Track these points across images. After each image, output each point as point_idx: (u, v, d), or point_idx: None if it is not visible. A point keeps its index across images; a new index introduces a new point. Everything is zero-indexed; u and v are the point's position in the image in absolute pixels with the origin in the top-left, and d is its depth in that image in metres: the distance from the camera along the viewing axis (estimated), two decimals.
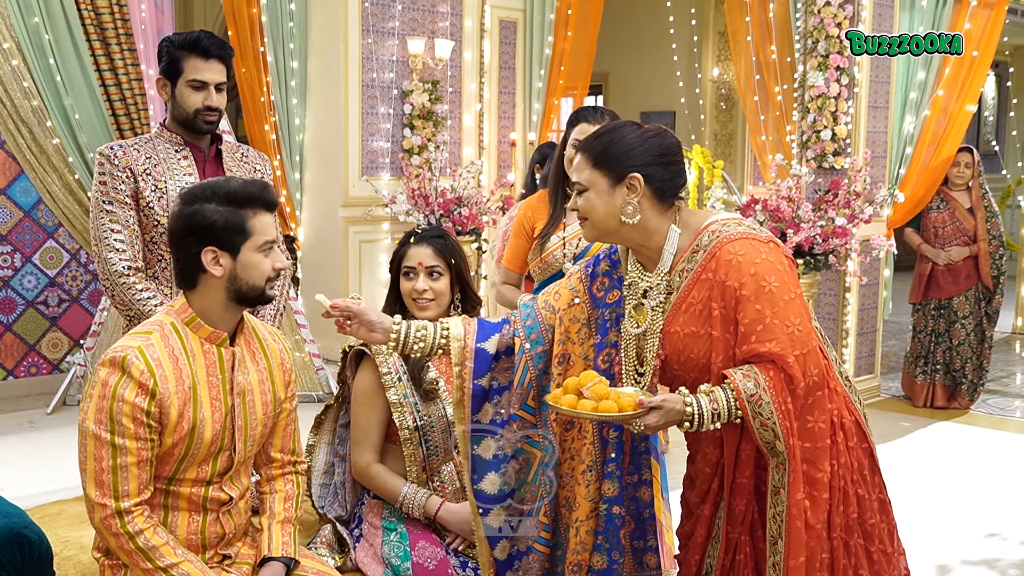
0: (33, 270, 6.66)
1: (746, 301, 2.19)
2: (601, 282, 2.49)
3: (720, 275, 2.22)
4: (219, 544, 2.39)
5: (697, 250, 2.29)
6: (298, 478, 2.54)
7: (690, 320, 2.27)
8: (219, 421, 2.28)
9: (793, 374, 2.16)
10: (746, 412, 2.16)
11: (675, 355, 2.31)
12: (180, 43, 3.09)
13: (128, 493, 2.16)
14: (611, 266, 2.49)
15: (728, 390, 2.18)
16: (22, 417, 6.13)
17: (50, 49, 5.88)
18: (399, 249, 2.84)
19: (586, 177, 2.33)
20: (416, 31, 7.33)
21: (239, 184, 2.28)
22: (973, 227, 6.55)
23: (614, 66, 12.13)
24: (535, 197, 3.74)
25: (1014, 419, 6.57)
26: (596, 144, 2.33)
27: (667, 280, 2.33)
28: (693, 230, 2.33)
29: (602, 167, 2.31)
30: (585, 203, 2.33)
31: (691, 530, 2.43)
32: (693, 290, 2.27)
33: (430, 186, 7.09)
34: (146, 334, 2.25)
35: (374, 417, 2.72)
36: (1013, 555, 4.30)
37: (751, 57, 7.11)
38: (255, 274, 2.28)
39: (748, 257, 2.21)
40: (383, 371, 2.70)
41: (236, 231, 2.25)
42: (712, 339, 2.24)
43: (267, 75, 6.85)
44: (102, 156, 3.07)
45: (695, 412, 2.16)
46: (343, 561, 2.68)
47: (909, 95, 6.82)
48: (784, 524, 2.21)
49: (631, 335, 2.37)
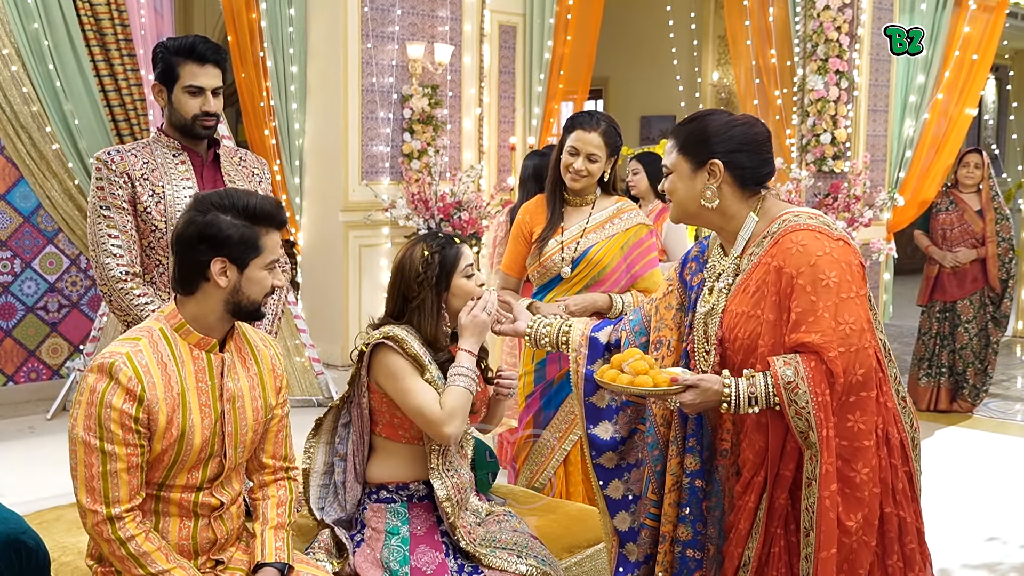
0: (33, 276, 6.66)
1: (801, 290, 2.23)
2: (690, 267, 2.61)
3: (779, 261, 2.28)
4: (212, 549, 2.38)
5: (767, 236, 2.36)
6: (291, 484, 2.53)
7: (745, 301, 2.35)
8: (209, 427, 2.28)
9: (834, 368, 2.18)
10: (782, 399, 2.20)
11: (728, 333, 2.39)
12: (175, 49, 3.08)
13: (119, 499, 2.17)
14: (700, 251, 2.60)
15: (767, 376, 2.22)
16: (22, 423, 6.13)
17: (49, 54, 5.88)
18: (448, 252, 2.73)
19: (671, 161, 2.45)
20: (416, 36, 7.33)
21: (258, 201, 2.29)
22: (982, 229, 6.49)
23: (614, 70, 12.13)
24: (533, 202, 3.74)
25: (1015, 423, 6.56)
26: (683, 129, 2.45)
27: (737, 263, 2.42)
28: (768, 218, 2.40)
29: (685, 152, 2.42)
30: (669, 185, 2.46)
31: (734, 521, 2.44)
32: (754, 273, 2.35)
33: (430, 190, 7.09)
34: (134, 340, 2.25)
35: (423, 381, 2.65)
36: (1014, 559, 4.29)
37: (751, 61, 7.12)
38: (256, 290, 2.30)
39: (810, 248, 2.25)
40: (419, 352, 2.64)
41: (249, 247, 2.26)
42: (762, 322, 2.30)
43: (267, 80, 6.86)
44: (99, 161, 3.06)
45: (732, 394, 2.24)
46: (341, 566, 2.66)
47: (909, 99, 6.83)
48: (815, 516, 2.22)
49: (700, 314, 2.48)
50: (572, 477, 3.58)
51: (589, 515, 3.15)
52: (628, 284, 3.58)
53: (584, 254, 3.53)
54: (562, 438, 3.57)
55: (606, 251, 3.54)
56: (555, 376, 3.58)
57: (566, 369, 3.55)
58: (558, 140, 3.66)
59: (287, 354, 6.62)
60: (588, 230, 3.56)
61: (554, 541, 2.90)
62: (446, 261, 2.73)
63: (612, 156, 3.55)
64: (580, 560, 2.98)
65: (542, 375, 3.60)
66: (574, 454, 3.57)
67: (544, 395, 3.60)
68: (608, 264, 3.54)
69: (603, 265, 3.53)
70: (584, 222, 3.57)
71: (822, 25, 6.45)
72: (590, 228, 3.56)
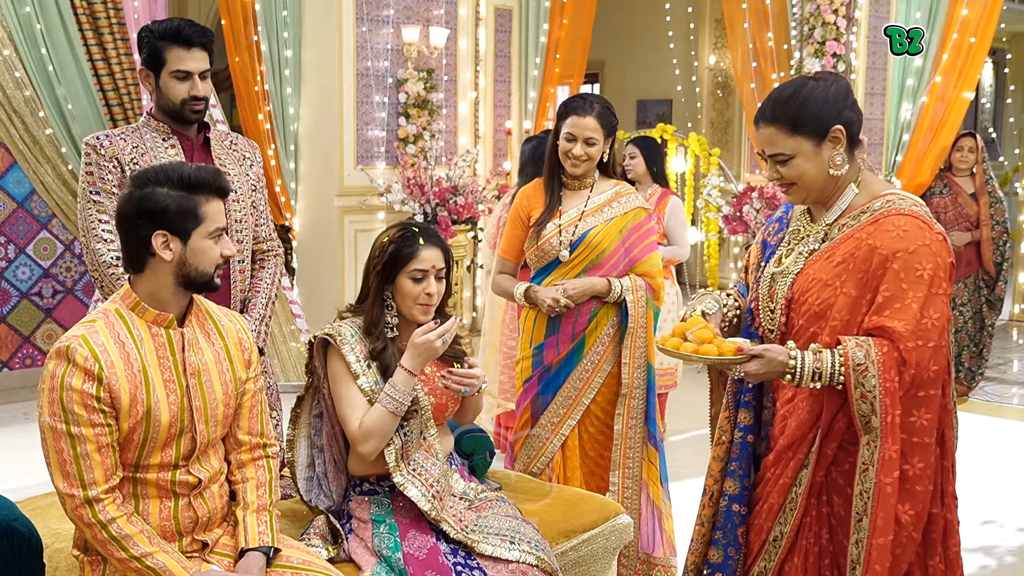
0: (27, 261, 6.63)
1: (893, 275, 2.24)
2: (773, 227, 2.62)
3: (875, 241, 2.26)
4: (195, 529, 2.37)
5: (866, 212, 2.34)
6: (269, 462, 2.52)
7: (826, 269, 2.33)
8: (175, 403, 2.27)
9: (907, 358, 2.19)
10: (849, 380, 2.21)
11: (798, 296, 2.38)
12: (160, 33, 3.05)
13: (95, 481, 2.17)
14: (784, 211, 2.61)
15: (836, 354, 2.23)
16: (16, 409, 6.13)
17: (42, 39, 5.85)
18: (403, 249, 2.69)
19: (789, 147, 2.34)
20: (411, 19, 7.29)
21: (193, 169, 2.27)
22: (976, 213, 6.50)
23: (610, 54, 12.09)
24: (530, 186, 3.72)
25: (1011, 406, 6.57)
26: (787, 111, 2.34)
27: (826, 230, 2.39)
28: (869, 193, 2.38)
29: (803, 131, 2.33)
30: (792, 171, 2.36)
31: (762, 494, 2.45)
32: (843, 244, 2.33)
33: (425, 175, 7.06)
34: (90, 322, 2.26)
35: (357, 390, 2.67)
36: (1010, 542, 4.30)
37: (748, 44, 7.09)
38: (204, 260, 2.28)
39: (911, 236, 2.24)
40: (350, 360, 2.65)
41: (188, 216, 2.25)
42: (839, 294, 2.29)
43: (261, 64, 6.82)
44: (88, 146, 3.04)
45: (798, 366, 2.24)
46: (336, 552, 2.65)
47: (906, 82, 6.80)
48: (872, 502, 2.23)
49: (766, 273, 2.47)
50: (570, 462, 3.57)
51: (586, 500, 3.14)
52: (627, 268, 3.56)
53: (583, 237, 3.51)
54: (559, 423, 3.56)
55: (605, 234, 3.52)
56: (553, 361, 3.56)
57: (564, 354, 3.55)
58: (553, 126, 3.63)
59: (283, 339, 6.61)
60: (586, 213, 3.54)
61: (550, 526, 2.90)
62: (398, 255, 2.69)
63: (609, 137, 3.53)
64: (576, 544, 2.97)
65: (540, 360, 3.59)
66: (571, 439, 3.56)
67: (542, 380, 3.59)
68: (607, 247, 3.52)
69: (601, 248, 3.52)
70: (582, 205, 3.55)
71: (819, 8, 6.42)
72: (588, 211, 3.54)
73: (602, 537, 3.04)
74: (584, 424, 3.58)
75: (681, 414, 5.80)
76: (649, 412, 3.58)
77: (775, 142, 2.36)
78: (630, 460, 3.55)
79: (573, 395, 3.56)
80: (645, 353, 3.55)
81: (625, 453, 3.55)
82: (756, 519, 2.47)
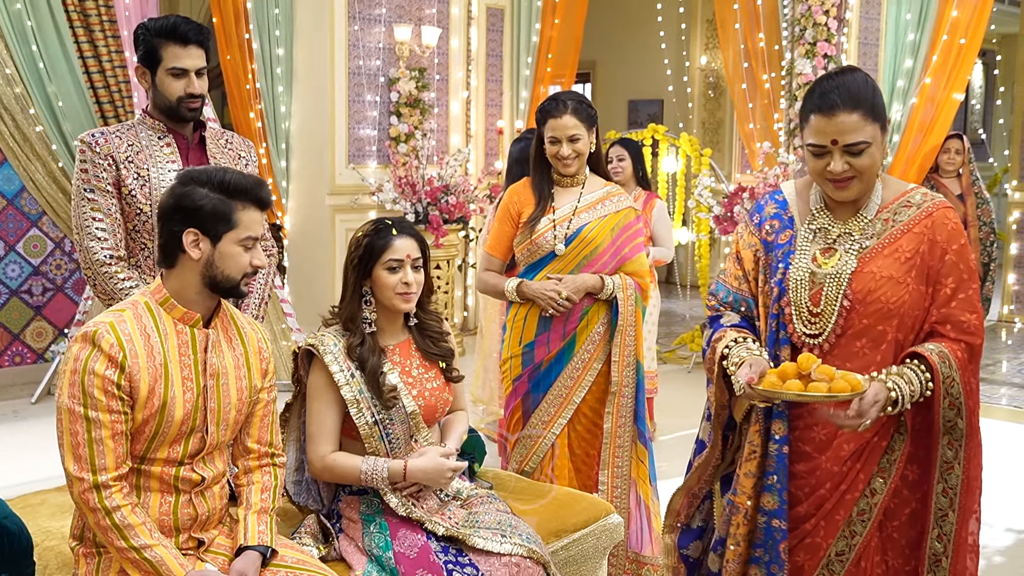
0: (17, 259, 6.61)
1: (953, 266, 2.30)
2: (771, 224, 2.50)
3: (936, 235, 2.31)
4: (193, 527, 2.38)
5: (909, 205, 2.36)
6: (275, 470, 2.54)
7: (891, 265, 2.32)
8: (191, 401, 2.30)
9: (976, 353, 2.31)
10: (938, 392, 2.25)
11: (862, 295, 2.33)
12: (156, 30, 3.04)
13: (105, 467, 2.19)
14: (779, 207, 2.51)
15: (919, 371, 2.25)
16: (6, 407, 6.10)
17: (33, 36, 5.83)
18: (377, 241, 2.72)
19: (869, 134, 2.27)
20: (403, 18, 7.29)
21: (235, 176, 2.32)
22: (963, 214, 6.54)
23: (602, 54, 12.10)
24: (520, 184, 3.72)
25: (1000, 407, 6.59)
26: (866, 97, 2.27)
27: (874, 225, 2.37)
28: (894, 188, 2.40)
29: (878, 119, 2.29)
30: (866, 160, 2.29)
31: (816, 510, 2.41)
32: (902, 239, 2.33)
33: (417, 174, 7.06)
34: (119, 311, 2.29)
35: (329, 411, 2.70)
36: (999, 542, 4.32)
37: (739, 45, 7.10)
38: (231, 265, 2.31)
39: (959, 231, 2.34)
40: (333, 370, 2.67)
41: (221, 219, 2.28)
42: (911, 290, 2.31)
43: (252, 62, 6.81)
44: (83, 144, 3.03)
45: (899, 395, 2.23)
46: (327, 551, 2.66)
47: (896, 83, 6.82)
48: (958, 498, 2.33)
49: (808, 275, 2.37)
50: (560, 461, 3.58)
51: (576, 500, 3.15)
52: (616, 266, 3.58)
53: (578, 232, 3.53)
54: (550, 422, 3.57)
55: (599, 231, 3.55)
56: (544, 359, 3.57)
57: (555, 352, 3.56)
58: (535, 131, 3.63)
59: (274, 338, 6.60)
60: (580, 209, 3.56)
61: (541, 525, 2.90)
62: (373, 247, 2.71)
63: (592, 128, 3.54)
64: (567, 544, 2.98)
65: (531, 358, 3.60)
66: (561, 439, 3.57)
67: (532, 378, 3.60)
68: (600, 244, 3.54)
69: (595, 245, 3.54)
70: (575, 201, 3.57)
71: (810, 9, 6.44)
72: (582, 208, 3.56)
73: (593, 537, 3.05)
74: (572, 422, 3.59)
75: (670, 413, 5.81)
76: (638, 410, 3.60)
77: (859, 129, 2.26)
78: (619, 459, 3.57)
79: (564, 394, 3.57)
80: (634, 351, 3.58)
81: (614, 452, 3.56)
82: (811, 536, 2.41)
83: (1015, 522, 4.52)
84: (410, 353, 2.81)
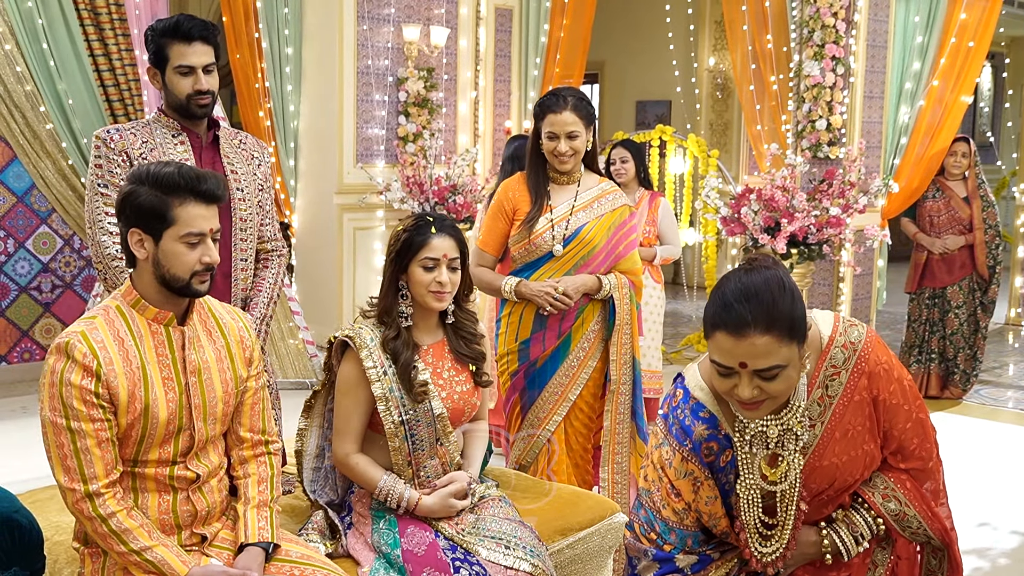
0: (26, 256, 6.64)
1: (898, 408, 2.15)
2: (708, 447, 2.17)
3: (876, 391, 2.11)
4: (194, 523, 2.38)
5: (836, 371, 2.10)
6: (271, 459, 2.53)
7: (848, 446, 2.11)
8: (174, 401, 2.28)
9: (930, 473, 2.20)
10: (893, 530, 2.17)
11: (822, 488, 2.15)
12: (162, 30, 3.07)
13: (95, 475, 2.18)
14: (709, 426, 2.17)
15: (861, 512, 2.17)
16: (15, 403, 6.13)
17: (43, 33, 5.86)
18: (416, 237, 2.71)
19: (784, 357, 1.95)
20: (411, 18, 7.30)
21: (171, 171, 2.25)
22: (969, 216, 6.54)
23: (610, 54, 12.10)
24: (513, 179, 3.71)
25: (1007, 409, 6.58)
26: (780, 314, 1.93)
27: (808, 413, 2.10)
28: (812, 358, 2.10)
29: (796, 335, 1.96)
30: (780, 384, 1.97)
31: None
32: (847, 415, 2.10)
33: (425, 174, 7.08)
34: (90, 319, 2.27)
35: (356, 409, 2.70)
36: (1004, 544, 4.32)
37: (747, 46, 7.10)
38: (176, 264, 2.26)
39: (891, 362, 2.13)
40: (368, 365, 2.67)
41: (157, 217, 2.24)
42: (866, 454, 2.15)
43: (262, 61, 6.83)
44: (99, 139, 3.06)
45: (839, 548, 2.14)
46: (334, 547, 2.67)
47: (904, 85, 6.82)
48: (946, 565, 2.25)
49: (759, 491, 2.11)
50: (558, 460, 3.60)
51: (582, 499, 3.16)
52: (611, 265, 3.60)
53: (577, 232, 3.54)
54: (546, 419, 3.59)
55: (597, 231, 3.56)
56: (539, 356, 3.59)
57: (550, 350, 3.58)
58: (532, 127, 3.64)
59: (281, 336, 6.62)
60: (576, 208, 3.57)
61: (546, 524, 2.91)
62: (411, 243, 2.72)
63: (589, 126, 3.55)
64: (572, 543, 2.99)
65: (526, 355, 3.61)
66: (558, 435, 3.60)
67: (528, 375, 3.62)
68: (597, 244, 3.56)
69: (593, 244, 3.55)
70: (572, 200, 3.58)
71: (819, 11, 6.44)
72: (579, 207, 3.57)
73: (598, 535, 3.06)
74: (569, 418, 3.62)
75: None
76: (636, 407, 3.62)
77: (772, 353, 1.92)
78: (619, 456, 3.59)
79: (560, 391, 3.59)
80: (631, 349, 3.61)
81: (614, 449, 3.59)
82: None
83: (1020, 524, 4.52)
84: (443, 355, 2.82)
